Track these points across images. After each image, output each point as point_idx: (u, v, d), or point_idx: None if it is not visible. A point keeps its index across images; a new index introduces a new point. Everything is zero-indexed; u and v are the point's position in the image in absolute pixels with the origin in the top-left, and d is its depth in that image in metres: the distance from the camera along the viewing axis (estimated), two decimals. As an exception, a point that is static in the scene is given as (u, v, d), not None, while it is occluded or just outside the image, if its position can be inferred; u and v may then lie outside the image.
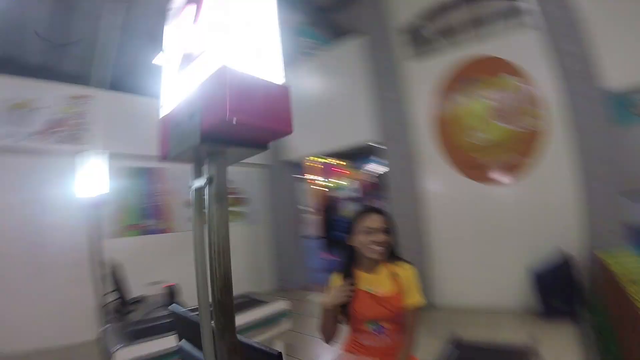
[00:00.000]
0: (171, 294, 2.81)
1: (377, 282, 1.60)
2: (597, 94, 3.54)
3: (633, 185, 5.67)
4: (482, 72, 4.20)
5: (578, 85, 3.63)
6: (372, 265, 1.63)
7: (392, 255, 1.65)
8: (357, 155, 13.77)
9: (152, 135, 3.98)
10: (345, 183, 9.84)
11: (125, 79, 5.75)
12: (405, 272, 1.62)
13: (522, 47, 4.01)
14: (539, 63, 3.89)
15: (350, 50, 5.21)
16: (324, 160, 8.57)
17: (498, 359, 1.39)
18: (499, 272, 4.02)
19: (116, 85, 4.99)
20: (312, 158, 8.43)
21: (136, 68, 6.97)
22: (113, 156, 4.33)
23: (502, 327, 3.55)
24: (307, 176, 7.78)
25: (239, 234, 5.60)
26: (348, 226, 1.66)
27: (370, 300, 1.57)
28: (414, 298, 1.57)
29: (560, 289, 3.42)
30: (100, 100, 4.47)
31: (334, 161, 9.16)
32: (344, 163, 9.54)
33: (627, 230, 3.46)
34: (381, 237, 1.56)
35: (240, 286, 3.23)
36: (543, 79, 3.87)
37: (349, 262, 1.68)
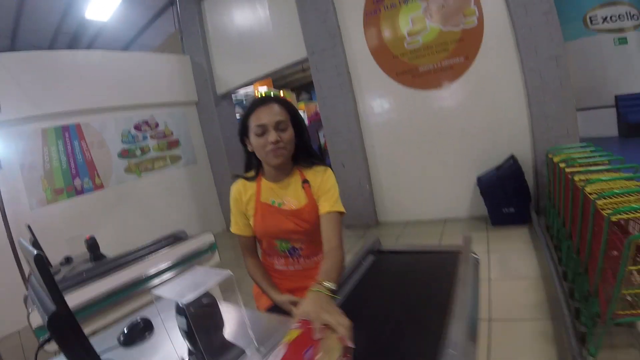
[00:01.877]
0: (90, 247, 2.58)
1: (283, 193, 1.30)
2: None
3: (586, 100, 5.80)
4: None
5: None
6: (277, 173, 1.29)
7: (301, 156, 1.32)
8: (306, 88, 13.43)
9: (65, 90, 3.39)
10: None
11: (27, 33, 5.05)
12: (318, 176, 1.29)
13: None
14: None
15: None
16: (267, 92, 8.14)
17: (419, 261, 1.23)
18: (446, 181, 3.95)
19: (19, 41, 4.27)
20: (257, 90, 8.01)
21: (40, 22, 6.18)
22: (29, 119, 3.94)
23: (446, 235, 3.53)
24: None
25: (176, 177, 5.29)
26: (240, 126, 1.28)
27: (276, 214, 1.27)
28: (329, 205, 1.23)
29: (510, 195, 3.35)
30: (3, 63, 3.84)
31: (280, 93, 8.75)
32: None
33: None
34: (275, 136, 1.18)
35: (191, 229, 3.00)
36: None
37: (250, 169, 1.36)
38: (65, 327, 0.68)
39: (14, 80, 3.82)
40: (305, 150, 1.33)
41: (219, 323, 0.86)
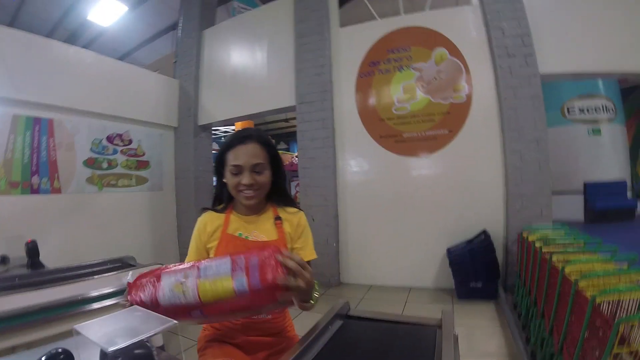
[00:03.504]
0: (30, 251, 2.39)
1: (253, 227, 1.22)
2: (529, 76, 3.48)
3: (556, 184, 6.03)
4: (411, 43, 4.03)
5: (510, 63, 3.54)
6: (249, 209, 1.24)
7: (275, 196, 1.27)
8: (285, 138, 13.62)
9: (49, 81, 3.27)
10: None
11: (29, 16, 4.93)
12: (293, 217, 1.25)
13: (455, 20, 3.90)
14: (471, 38, 3.80)
15: (276, 13, 4.86)
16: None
17: (393, 332, 1.10)
18: (415, 249, 3.89)
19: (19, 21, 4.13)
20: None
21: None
22: (2, 101, 3.68)
23: (410, 304, 3.42)
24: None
25: (138, 200, 5.03)
26: (218, 157, 1.23)
27: (241, 246, 1.16)
28: (305, 251, 1.23)
29: (479, 269, 3.33)
30: None
31: None
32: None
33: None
34: (248, 179, 1.13)
35: (142, 258, 2.80)
36: (474, 54, 3.77)
37: (220, 200, 1.29)
38: None
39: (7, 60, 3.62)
40: (281, 191, 1.28)
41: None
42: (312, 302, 0.99)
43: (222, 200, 1.29)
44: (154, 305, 0.84)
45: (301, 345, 0.91)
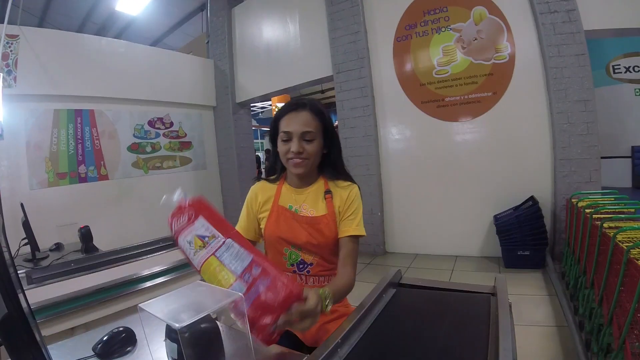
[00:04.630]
0: (83, 237, 2.48)
1: (302, 199, 1.21)
2: (573, 33, 3.25)
3: (603, 148, 5.72)
4: (447, 3, 3.84)
5: (553, 20, 3.31)
6: (299, 180, 1.22)
7: (327, 169, 1.24)
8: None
9: (85, 74, 3.35)
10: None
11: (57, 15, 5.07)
12: (344, 190, 1.22)
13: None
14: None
15: None
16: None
17: (446, 299, 1.09)
18: (461, 217, 3.82)
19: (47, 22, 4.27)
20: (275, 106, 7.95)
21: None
22: (43, 97, 3.87)
23: (457, 272, 3.39)
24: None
25: (184, 180, 5.19)
26: (272, 125, 1.21)
27: (291, 220, 1.17)
28: (352, 229, 1.16)
29: (527, 237, 3.24)
30: (28, 38, 3.79)
31: None
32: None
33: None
34: (297, 146, 1.11)
35: None
36: (515, 12, 3.55)
37: (274, 170, 1.28)
38: (17, 333, 0.56)
39: (35, 57, 3.78)
40: (334, 164, 1.25)
41: (218, 355, 0.74)
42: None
43: (276, 170, 1.28)
44: (174, 235, 0.90)
45: (358, 313, 0.91)
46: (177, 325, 0.59)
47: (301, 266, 1.19)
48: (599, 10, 3.26)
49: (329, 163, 1.24)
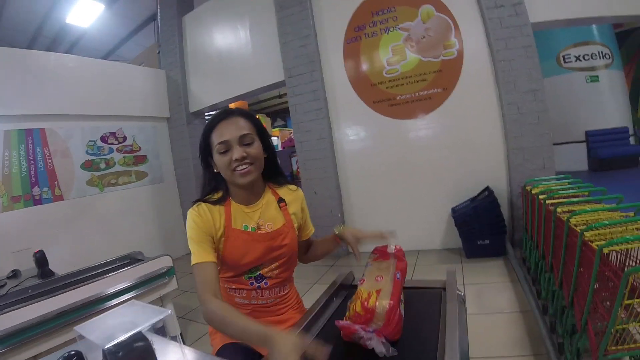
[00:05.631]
0: (38, 261, 2.42)
1: (257, 215, 1.15)
2: (520, 26, 3.35)
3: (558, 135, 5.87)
4: (395, 3, 3.89)
5: (500, 14, 3.40)
6: (247, 194, 1.15)
7: (271, 174, 1.21)
8: (281, 114, 13.51)
9: (34, 92, 3.19)
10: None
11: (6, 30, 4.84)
12: (294, 196, 1.23)
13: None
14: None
15: None
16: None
17: None
18: (420, 212, 3.86)
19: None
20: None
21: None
22: None
23: (420, 267, 3.41)
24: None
25: (141, 195, 5.03)
26: (202, 144, 1.14)
27: (249, 241, 1.11)
28: (309, 226, 1.29)
29: (485, 227, 3.30)
30: None
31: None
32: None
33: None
34: (240, 152, 1.05)
35: (151, 251, 2.75)
36: (462, 8, 3.63)
37: (215, 192, 1.17)
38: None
39: None
40: (274, 167, 1.22)
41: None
42: None
43: (218, 190, 1.17)
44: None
45: (307, 317, 0.90)
46: (105, 345, 0.62)
47: (259, 279, 1.15)
48: (546, 2, 3.38)
49: (271, 167, 1.20)
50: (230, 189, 1.17)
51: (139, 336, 0.68)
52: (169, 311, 0.73)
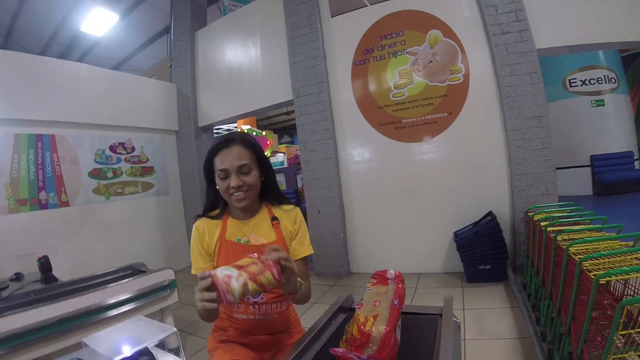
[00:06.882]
0: (42, 267, 2.45)
1: (250, 230, 1.23)
2: (526, 52, 3.41)
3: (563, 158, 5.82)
4: (403, 27, 3.97)
5: (506, 40, 3.47)
6: (244, 212, 1.25)
7: (268, 195, 1.29)
8: (288, 131, 13.64)
9: (46, 98, 3.14)
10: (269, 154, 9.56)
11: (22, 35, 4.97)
12: (289, 215, 1.28)
13: (448, 1, 3.82)
14: (464, 17, 3.73)
15: (266, 8, 4.84)
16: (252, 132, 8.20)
17: None
18: (422, 235, 3.87)
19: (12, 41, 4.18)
20: (240, 128, 8.04)
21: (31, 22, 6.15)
22: (3, 122, 3.76)
23: (423, 290, 3.40)
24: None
25: (146, 206, 5.08)
26: (206, 165, 1.23)
27: (241, 253, 1.16)
28: (303, 247, 1.26)
29: (487, 252, 3.30)
30: None
31: (262, 133, 8.82)
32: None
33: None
34: (236, 181, 1.15)
35: (153, 263, 2.78)
36: (469, 34, 3.70)
37: (215, 207, 1.29)
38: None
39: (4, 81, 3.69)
40: (273, 190, 1.30)
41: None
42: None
43: (217, 206, 1.29)
44: None
45: (304, 341, 0.92)
46: (114, 359, 0.66)
47: (255, 294, 1.20)
48: (551, 29, 3.45)
49: (268, 189, 1.29)
50: (229, 205, 1.26)
51: (145, 351, 0.72)
52: (174, 329, 0.77)
